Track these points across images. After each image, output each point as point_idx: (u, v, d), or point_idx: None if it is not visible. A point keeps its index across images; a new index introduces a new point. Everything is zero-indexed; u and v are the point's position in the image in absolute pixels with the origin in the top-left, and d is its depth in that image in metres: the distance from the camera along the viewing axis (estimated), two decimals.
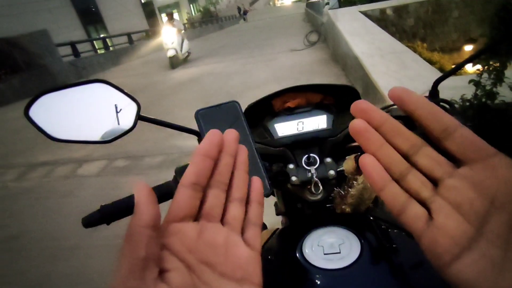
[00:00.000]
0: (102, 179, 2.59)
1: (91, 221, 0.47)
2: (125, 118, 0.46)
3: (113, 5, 18.71)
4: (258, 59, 6.53)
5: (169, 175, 0.49)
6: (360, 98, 0.67)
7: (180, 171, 0.50)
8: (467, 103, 1.77)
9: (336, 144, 0.64)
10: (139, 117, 0.47)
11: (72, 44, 9.00)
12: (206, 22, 22.92)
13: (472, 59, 0.47)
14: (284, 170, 0.59)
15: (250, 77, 5.00)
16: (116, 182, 2.47)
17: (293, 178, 0.58)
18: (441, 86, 0.51)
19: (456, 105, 1.76)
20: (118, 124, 0.47)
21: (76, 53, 9.07)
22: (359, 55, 3.19)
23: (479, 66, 1.98)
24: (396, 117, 0.53)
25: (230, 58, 7.28)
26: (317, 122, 0.67)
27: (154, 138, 2.96)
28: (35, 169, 3.02)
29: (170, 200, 0.24)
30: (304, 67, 5.01)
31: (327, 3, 10.02)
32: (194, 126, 0.41)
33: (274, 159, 0.64)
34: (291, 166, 0.60)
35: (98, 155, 2.96)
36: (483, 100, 1.71)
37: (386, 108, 0.58)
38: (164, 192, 0.50)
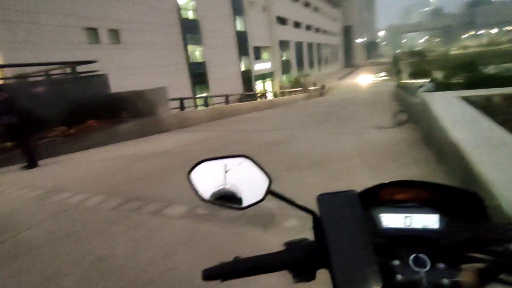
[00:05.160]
0: (182, 222, 2.81)
1: (210, 274, 0.52)
2: (257, 190, 0.54)
3: (219, 71, 22.27)
4: (344, 131, 6.57)
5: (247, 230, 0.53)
6: (485, 207, 0.62)
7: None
8: None
9: (449, 249, 0.59)
10: (269, 191, 0.54)
11: (181, 100, 10.71)
12: (295, 91, 24.88)
13: None
14: (389, 264, 0.57)
15: (334, 148, 5.03)
16: (195, 228, 2.66)
17: (398, 277, 0.55)
18: None
19: None
20: (250, 194, 0.55)
21: (182, 107, 10.72)
22: (460, 143, 2.94)
23: None
24: None
25: (316, 127, 7.52)
26: (427, 220, 0.64)
27: None
28: (131, 201, 3.48)
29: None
30: (392, 146, 4.81)
31: (421, 86, 9.83)
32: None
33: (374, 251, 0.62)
34: (396, 262, 0.58)
35: (184, 200, 3.25)
36: None
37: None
38: None
